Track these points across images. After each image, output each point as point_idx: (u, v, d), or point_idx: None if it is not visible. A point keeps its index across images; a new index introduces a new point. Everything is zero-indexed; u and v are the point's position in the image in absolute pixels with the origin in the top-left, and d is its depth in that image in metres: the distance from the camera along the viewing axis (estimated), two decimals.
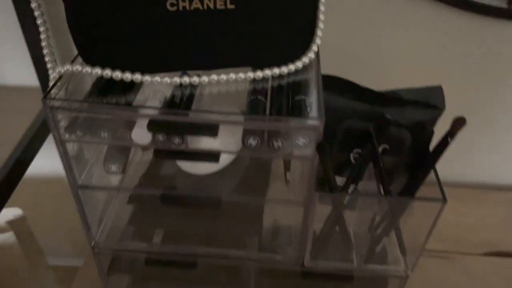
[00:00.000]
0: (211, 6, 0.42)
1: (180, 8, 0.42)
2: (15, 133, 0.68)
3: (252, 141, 0.43)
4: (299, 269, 0.54)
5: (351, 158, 0.52)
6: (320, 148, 0.42)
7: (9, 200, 0.79)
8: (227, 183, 0.50)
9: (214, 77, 0.45)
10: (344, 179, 0.51)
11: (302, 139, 0.43)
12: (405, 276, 0.54)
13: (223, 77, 0.45)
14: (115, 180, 0.54)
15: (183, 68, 0.46)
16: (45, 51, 0.46)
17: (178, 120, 0.41)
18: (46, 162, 0.87)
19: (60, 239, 1.05)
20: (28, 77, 0.76)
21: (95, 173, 0.51)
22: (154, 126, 0.41)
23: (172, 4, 0.41)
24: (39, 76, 0.73)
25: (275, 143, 0.43)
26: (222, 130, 0.43)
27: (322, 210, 0.52)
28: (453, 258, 0.73)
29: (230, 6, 0.42)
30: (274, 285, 0.58)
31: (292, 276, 0.56)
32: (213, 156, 0.44)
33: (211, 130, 0.41)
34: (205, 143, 0.45)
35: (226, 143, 0.45)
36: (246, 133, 0.42)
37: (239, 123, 0.42)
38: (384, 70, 0.72)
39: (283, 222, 0.56)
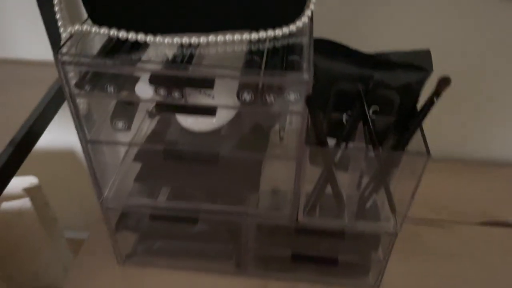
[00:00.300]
0: None
1: None
2: (29, 103, 0.72)
3: (246, 96, 0.46)
4: (293, 225, 0.57)
5: (344, 120, 0.55)
6: (308, 101, 0.45)
7: (25, 169, 0.84)
8: (226, 141, 0.53)
9: (213, 38, 0.48)
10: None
11: (293, 94, 0.46)
12: (395, 233, 0.57)
13: (221, 38, 0.48)
14: (122, 138, 0.58)
15: (184, 30, 0.49)
16: (57, 14, 0.50)
17: (178, 74, 0.45)
18: (61, 135, 0.92)
19: (73, 210, 1.10)
20: (43, 52, 0.81)
21: (102, 132, 0.55)
22: (155, 80, 0.45)
23: None
24: (54, 50, 0.77)
25: (267, 98, 0.46)
26: (218, 86, 0.47)
27: (315, 171, 0.55)
28: (449, 227, 0.75)
29: None
30: (270, 241, 0.62)
31: (287, 232, 0.59)
32: (210, 110, 0.47)
33: (208, 82, 0.44)
34: (203, 99, 0.49)
35: (222, 99, 0.48)
36: (241, 88, 0.46)
37: (234, 77, 0.45)
38: (377, 34, 0.73)
39: (280, 180, 0.59)
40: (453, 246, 0.72)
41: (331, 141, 0.56)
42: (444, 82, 0.48)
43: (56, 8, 0.51)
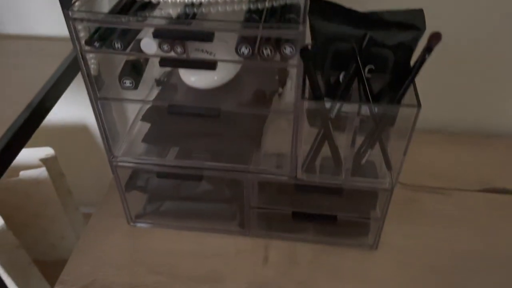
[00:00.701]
0: None
1: None
2: (44, 74, 0.75)
3: (245, 50, 0.49)
4: (292, 182, 0.60)
5: (341, 79, 0.57)
6: (303, 52, 0.47)
7: (42, 141, 0.88)
8: (228, 99, 0.56)
9: None
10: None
11: (288, 48, 0.48)
12: (390, 189, 0.59)
13: None
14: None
15: None
16: None
17: (180, 29, 0.48)
18: (75, 110, 0.96)
19: (87, 184, 1.14)
20: (57, 27, 0.85)
21: (112, 92, 0.58)
22: (159, 34, 0.48)
23: None
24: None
25: (264, 51, 0.48)
26: (218, 44, 0.50)
27: (313, 133, 0.58)
28: (450, 193, 0.77)
29: None
30: (272, 199, 0.64)
31: (287, 190, 0.62)
32: (210, 64, 0.50)
33: (208, 36, 0.47)
34: (204, 56, 0.52)
35: (222, 55, 0.51)
36: (239, 42, 0.48)
37: (232, 30, 0.48)
38: None
39: (281, 143, 0.62)
40: (451, 211, 0.74)
41: (329, 102, 0.59)
42: (435, 38, 0.50)
43: None
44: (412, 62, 0.55)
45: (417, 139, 0.56)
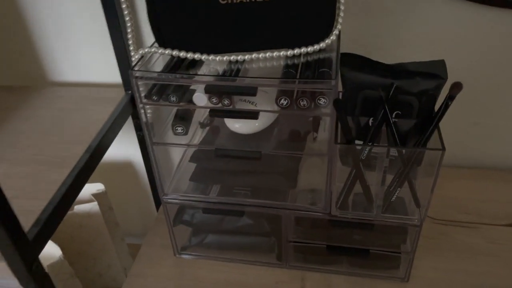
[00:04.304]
0: None
1: (229, 1, 0.56)
2: (100, 118, 0.84)
3: (283, 101, 0.55)
4: (327, 218, 0.65)
5: (370, 123, 0.63)
6: (336, 103, 0.53)
7: (93, 177, 0.96)
8: (267, 143, 0.62)
9: (256, 55, 0.58)
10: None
11: (323, 99, 0.55)
12: (419, 225, 0.63)
13: (263, 55, 0.58)
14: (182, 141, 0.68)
15: (234, 50, 0.59)
16: (129, 40, 0.62)
17: (227, 85, 0.55)
18: (122, 148, 1.04)
19: (133, 217, 1.21)
20: (110, 75, 0.94)
21: (163, 138, 0.66)
22: (209, 89, 0.55)
23: None
24: (122, 75, 0.90)
25: (301, 103, 0.55)
26: (260, 96, 0.57)
27: (346, 172, 0.63)
28: (478, 227, 0.80)
29: None
30: (307, 233, 0.69)
31: (322, 225, 0.67)
32: (253, 114, 0.57)
33: (251, 90, 0.54)
34: (248, 106, 0.59)
35: (263, 106, 0.58)
36: (279, 95, 0.55)
37: (273, 85, 0.55)
38: (395, 49, 0.81)
39: (316, 181, 0.67)
40: (480, 245, 0.77)
41: (360, 143, 0.64)
42: (456, 87, 0.56)
43: (129, 36, 0.63)
44: (436, 107, 0.60)
45: (445, 175, 0.60)
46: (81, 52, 0.92)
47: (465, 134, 0.90)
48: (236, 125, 0.61)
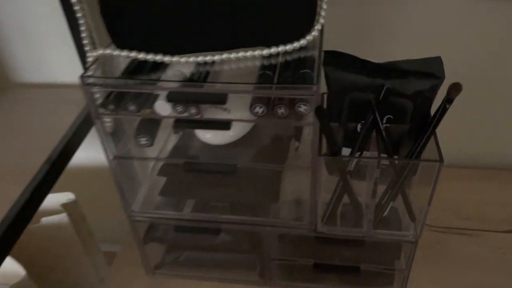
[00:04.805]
0: None
1: None
2: (63, 123, 0.76)
3: (259, 109, 0.48)
4: (312, 234, 0.58)
5: (358, 129, 0.56)
6: (318, 111, 0.46)
7: (63, 186, 0.89)
8: (244, 153, 0.55)
9: (227, 55, 0.51)
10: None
11: (303, 106, 0.47)
12: (415, 241, 0.57)
13: (235, 55, 0.51)
14: (148, 153, 0.61)
15: (200, 49, 0.52)
16: (84, 40, 0.54)
17: (193, 91, 0.47)
18: (96, 152, 0.97)
19: (108, 224, 1.14)
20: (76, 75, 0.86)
21: (129, 147, 0.58)
22: (173, 97, 0.47)
23: None
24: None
25: (278, 110, 0.48)
26: (233, 100, 0.49)
27: (334, 181, 0.56)
28: (478, 235, 0.74)
29: None
30: (292, 250, 0.63)
31: (308, 241, 0.60)
32: (225, 124, 0.50)
33: (221, 98, 0.46)
34: (219, 113, 0.51)
35: (237, 112, 0.50)
36: (253, 102, 0.48)
37: (246, 92, 0.47)
38: (386, 44, 0.74)
39: (300, 190, 0.60)
40: (480, 254, 0.71)
41: (347, 151, 0.57)
42: (455, 88, 0.49)
43: (83, 35, 0.55)
44: (433, 110, 0.53)
45: (442, 175, 0.53)
46: (45, 51, 0.84)
47: (465, 132, 0.83)
48: (207, 135, 0.54)
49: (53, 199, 0.88)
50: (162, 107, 0.49)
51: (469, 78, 0.70)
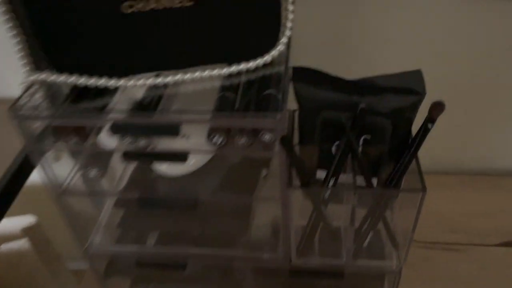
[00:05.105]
0: (167, 5, 0.42)
1: (136, 10, 0.42)
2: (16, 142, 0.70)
3: (217, 139, 0.42)
4: (287, 267, 0.53)
5: (333, 151, 0.51)
6: (284, 142, 0.40)
7: (24, 209, 0.83)
8: (206, 183, 0.49)
9: (181, 76, 0.45)
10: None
11: (267, 135, 0.42)
12: (397, 271, 0.52)
13: (190, 76, 0.45)
14: (104, 184, 0.55)
15: (150, 70, 0.46)
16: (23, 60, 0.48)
17: (140, 122, 0.41)
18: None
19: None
20: None
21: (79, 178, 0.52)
22: (117, 129, 0.41)
23: (127, 7, 0.41)
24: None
25: (240, 140, 0.42)
26: (188, 129, 0.43)
27: (309, 207, 0.51)
28: (466, 250, 0.70)
29: (188, 4, 0.42)
30: (264, 283, 0.57)
31: (282, 274, 0.55)
32: (180, 156, 0.44)
33: (172, 130, 0.40)
34: (174, 143, 0.45)
35: (197, 139, 0.44)
36: (211, 131, 0.42)
37: (202, 122, 0.41)
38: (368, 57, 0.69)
39: (273, 218, 0.55)
40: (470, 272, 0.66)
41: (322, 173, 0.52)
42: (437, 108, 0.44)
43: (21, 54, 0.48)
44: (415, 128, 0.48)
45: (429, 184, 0.49)
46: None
47: (449, 136, 0.78)
48: (163, 167, 0.48)
49: (12, 223, 0.82)
50: (107, 140, 0.43)
51: (453, 81, 0.65)
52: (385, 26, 0.66)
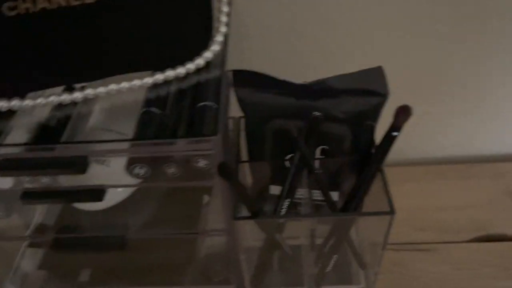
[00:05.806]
0: (63, 3, 0.33)
1: (22, 12, 0.32)
2: None
3: (139, 170, 0.34)
4: None
5: (287, 164, 0.43)
6: (221, 170, 0.33)
7: None
8: (135, 216, 0.41)
9: (92, 91, 0.36)
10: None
11: (202, 161, 0.34)
12: None
13: (104, 89, 0.36)
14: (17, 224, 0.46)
15: (57, 83, 0.37)
16: None
17: (36, 157, 0.32)
18: None
19: None
20: None
21: None
22: (7, 167, 0.32)
23: (7, 9, 0.32)
24: None
25: (168, 170, 0.34)
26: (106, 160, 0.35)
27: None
28: (436, 249, 0.65)
29: (88, 1, 0.33)
30: None
31: None
32: (95, 193, 0.35)
33: (79, 166, 0.32)
34: (95, 167, 0.36)
35: (115, 170, 0.36)
36: (131, 162, 0.34)
37: (117, 152, 0.33)
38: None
39: (221, 247, 0.47)
40: (444, 274, 0.61)
41: (276, 189, 0.45)
42: (403, 113, 0.37)
43: None
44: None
45: (393, 177, 0.43)
46: None
47: (412, 125, 0.72)
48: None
49: None
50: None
51: (417, 67, 0.58)
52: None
